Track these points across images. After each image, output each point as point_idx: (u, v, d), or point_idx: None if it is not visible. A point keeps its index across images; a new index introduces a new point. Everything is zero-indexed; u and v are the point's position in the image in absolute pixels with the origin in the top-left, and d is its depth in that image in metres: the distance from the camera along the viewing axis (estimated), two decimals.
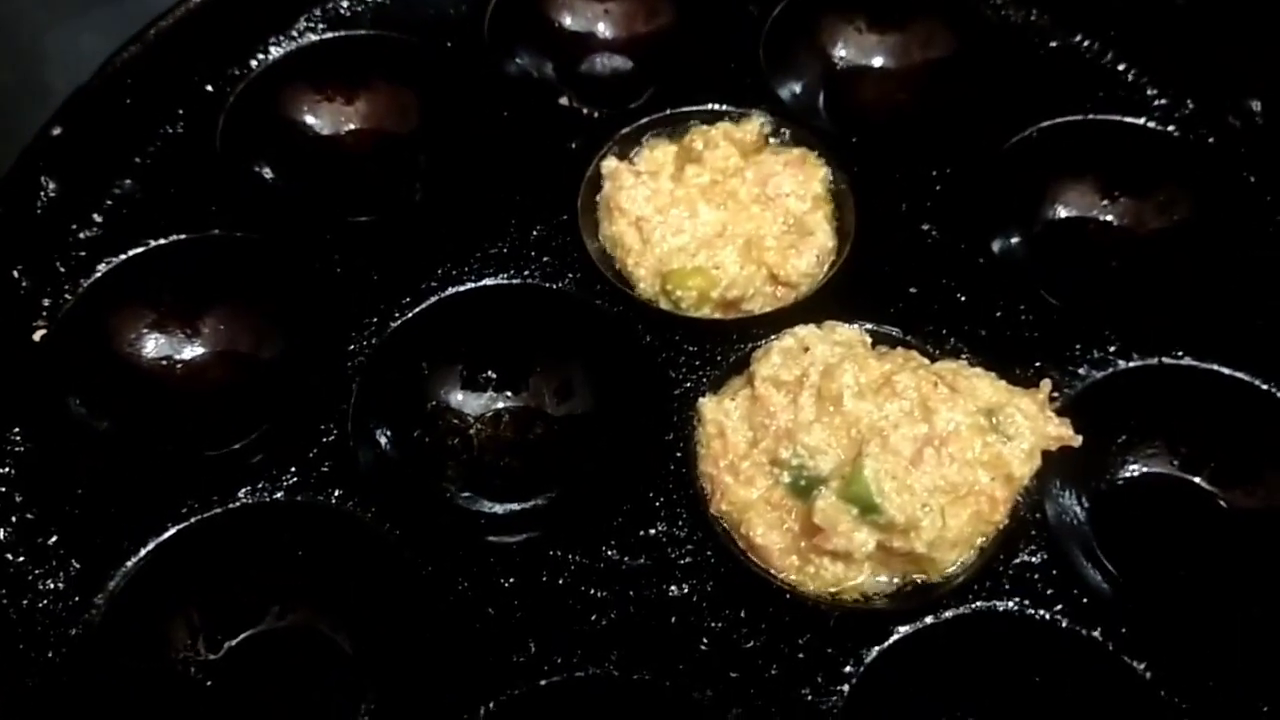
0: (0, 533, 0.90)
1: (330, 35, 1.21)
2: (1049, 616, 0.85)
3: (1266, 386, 0.95)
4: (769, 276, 1.02)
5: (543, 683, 0.83)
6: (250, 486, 0.91)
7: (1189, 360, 0.97)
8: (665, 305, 1.02)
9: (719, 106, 1.13)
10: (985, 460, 0.85)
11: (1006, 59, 1.19)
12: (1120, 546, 0.90)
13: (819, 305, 0.99)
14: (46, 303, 1.01)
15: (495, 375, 1.00)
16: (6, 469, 0.93)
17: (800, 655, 0.84)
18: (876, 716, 0.82)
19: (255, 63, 1.18)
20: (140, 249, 1.04)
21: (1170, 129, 1.13)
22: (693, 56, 1.21)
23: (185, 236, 1.05)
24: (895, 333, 0.98)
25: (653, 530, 0.90)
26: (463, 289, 1.02)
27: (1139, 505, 0.93)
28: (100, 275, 1.02)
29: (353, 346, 0.99)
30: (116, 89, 1.11)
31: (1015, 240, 1.08)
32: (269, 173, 1.12)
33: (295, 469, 0.92)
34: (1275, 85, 1.12)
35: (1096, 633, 0.84)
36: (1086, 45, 1.20)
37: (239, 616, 0.88)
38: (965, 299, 1.02)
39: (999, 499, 0.86)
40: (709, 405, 0.92)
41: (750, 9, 1.22)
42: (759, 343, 0.96)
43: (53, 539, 0.89)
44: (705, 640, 0.85)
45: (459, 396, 0.99)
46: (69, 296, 1.01)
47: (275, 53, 1.19)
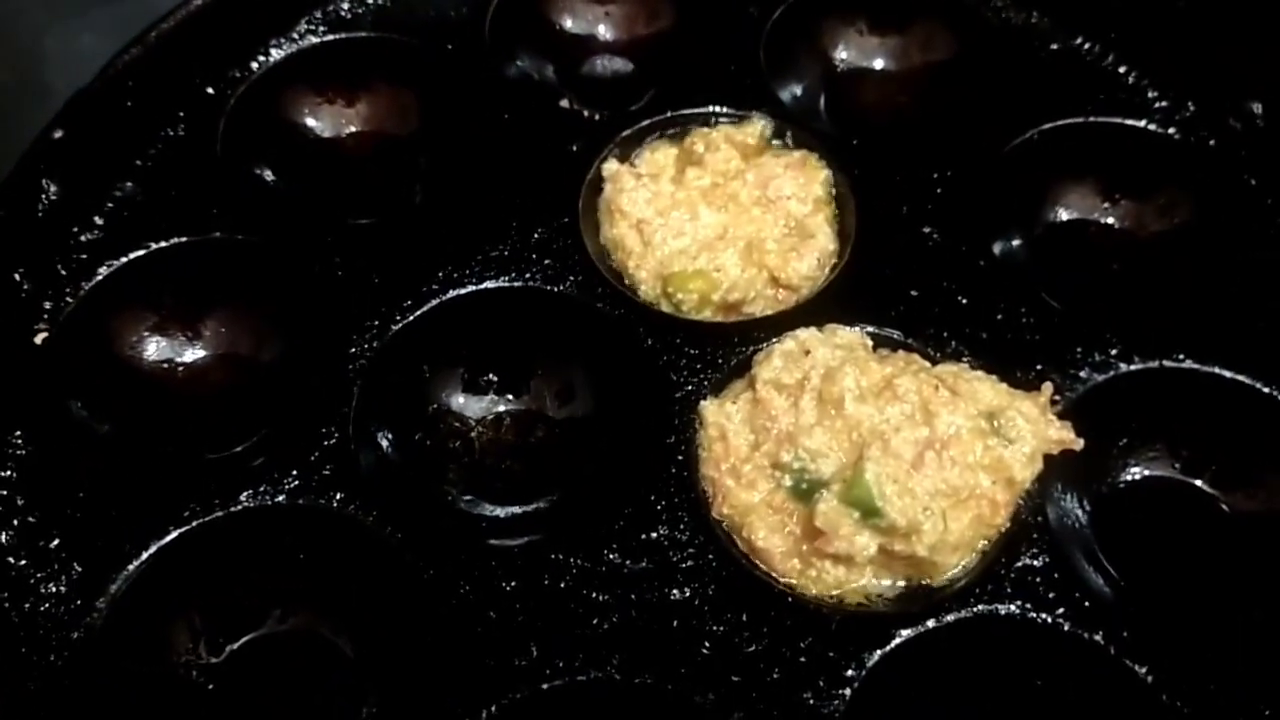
0: (2, 536, 0.89)
1: (331, 37, 1.21)
2: (1051, 620, 0.85)
3: (1268, 389, 0.95)
4: (770, 279, 1.02)
5: (544, 686, 0.83)
6: (252, 490, 0.91)
7: (1190, 363, 0.97)
8: (666, 308, 1.02)
9: (720, 109, 1.13)
10: (987, 464, 0.85)
11: (1007, 61, 1.19)
12: (1122, 550, 0.90)
13: (820, 308, 0.99)
14: (48, 305, 1.01)
15: (496, 378, 1.00)
16: (8, 472, 0.93)
17: (802, 659, 0.84)
18: None
19: (256, 65, 1.18)
20: (141, 252, 1.04)
21: (1171, 131, 1.13)
22: (693, 59, 1.21)
23: (186, 239, 1.05)
24: (896, 335, 0.98)
25: (654, 534, 0.90)
26: (464, 292, 1.02)
27: (1140, 508, 0.93)
28: (101, 278, 1.02)
29: (354, 349, 0.99)
30: (117, 91, 1.11)
31: (1016, 243, 1.08)
32: (270, 175, 1.12)
33: (296, 472, 0.92)
34: (1276, 87, 1.12)
35: (1098, 636, 0.84)
36: (1087, 47, 1.20)
37: (240, 620, 0.88)
38: (966, 302, 1.02)
39: (1000, 502, 0.86)
40: (710, 408, 0.92)
41: (751, 11, 1.22)
42: (760, 346, 0.96)
43: (54, 542, 0.89)
44: (707, 644, 0.85)
45: (460, 399, 0.99)
46: (70, 299, 1.01)
47: (276, 55, 1.19)
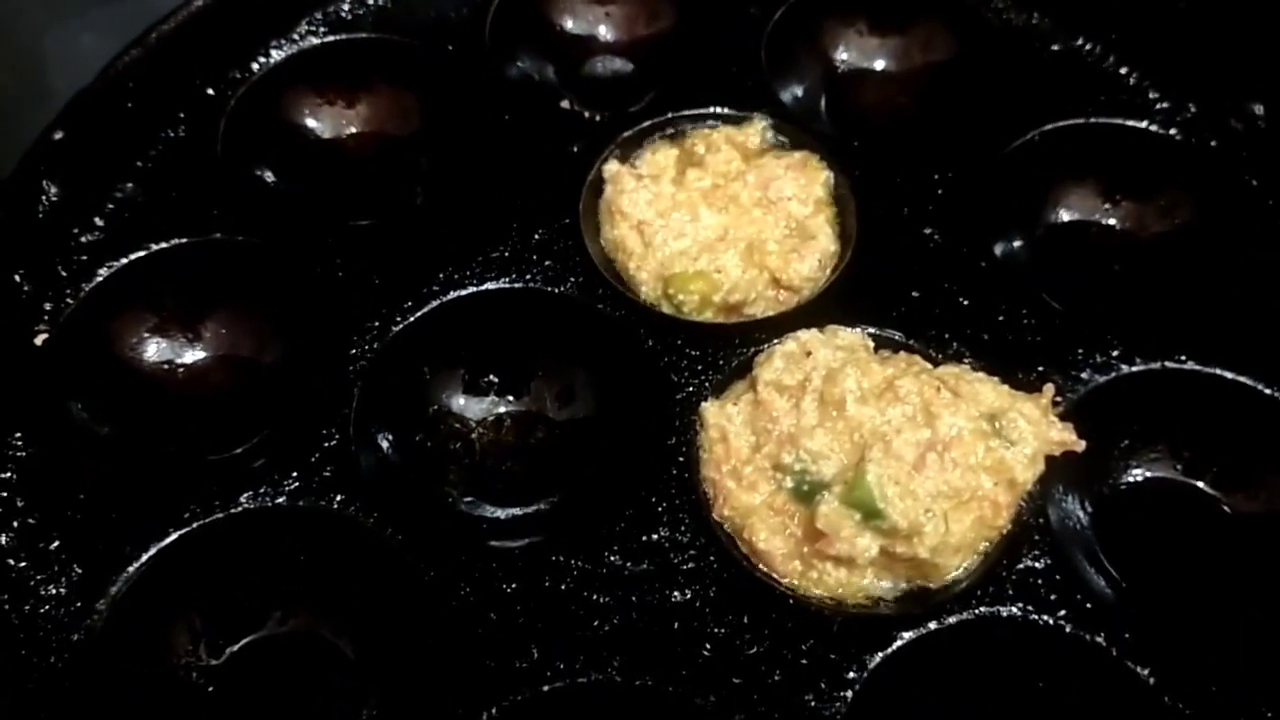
0: (2, 538, 0.89)
1: (331, 38, 1.21)
2: (1052, 622, 0.85)
3: (1270, 391, 0.95)
4: (771, 280, 1.02)
5: (545, 688, 0.83)
6: (252, 491, 0.91)
7: (1192, 364, 0.97)
8: (667, 309, 1.02)
9: (720, 110, 1.13)
10: (988, 465, 0.85)
11: (1008, 62, 1.19)
12: (1123, 551, 0.90)
13: (821, 309, 0.99)
14: (48, 307, 1.01)
15: (497, 379, 1.00)
16: (8, 474, 0.93)
17: (803, 661, 0.84)
18: None
19: (257, 66, 1.18)
20: (142, 253, 1.04)
21: (1172, 132, 1.13)
22: (694, 60, 1.21)
23: (187, 240, 1.05)
24: (898, 337, 0.98)
25: (655, 535, 0.90)
26: (464, 293, 1.02)
27: (1142, 510, 0.93)
28: (102, 279, 1.02)
29: (354, 351, 0.99)
30: (118, 92, 1.11)
31: (1017, 244, 1.08)
32: (270, 176, 1.12)
33: (297, 474, 0.92)
34: (1277, 88, 1.11)
35: (1100, 638, 0.84)
36: (1088, 49, 1.20)
37: (241, 622, 0.88)
38: (968, 303, 1.02)
39: (1002, 504, 0.86)
40: (711, 410, 0.92)
41: (751, 12, 1.22)
42: (761, 347, 0.96)
43: (54, 544, 0.89)
44: (708, 646, 0.85)
45: (461, 401, 0.99)
46: (70, 301, 1.01)
47: (276, 56, 1.19)
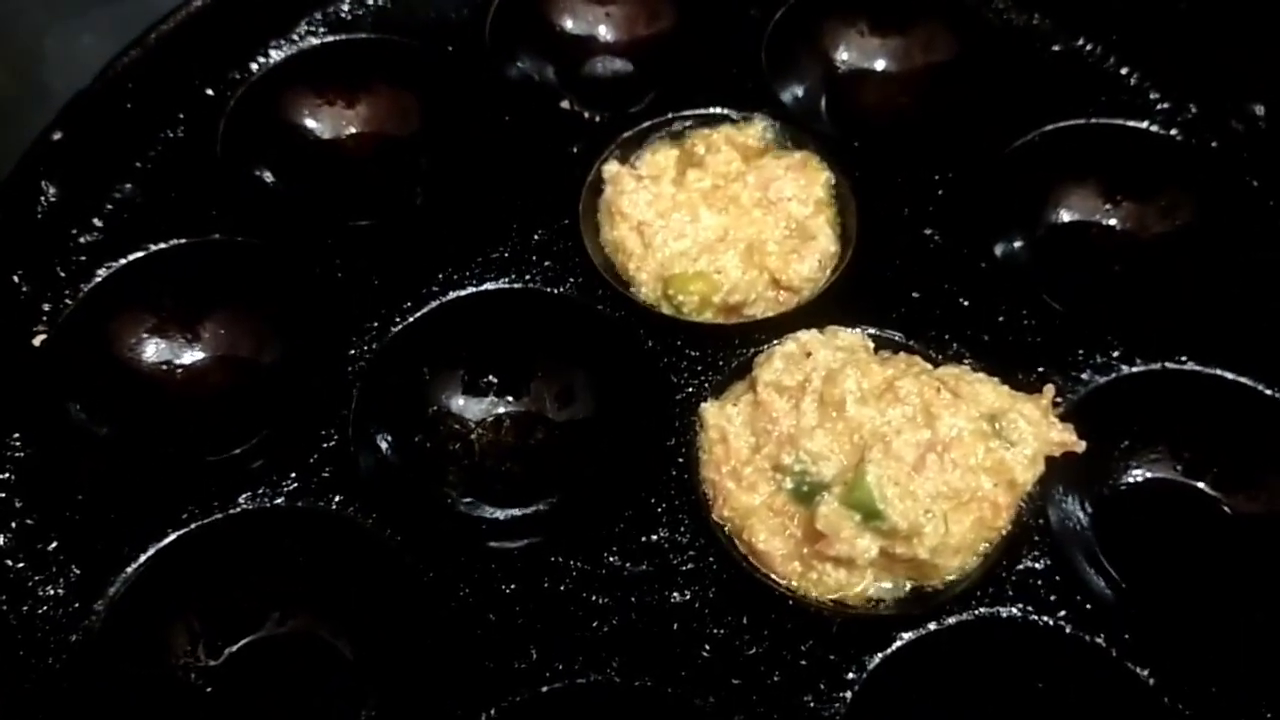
0: (0, 538, 0.89)
1: (331, 39, 1.21)
2: (1052, 623, 0.85)
3: (1270, 391, 0.95)
4: (771, 281, 1.02)
5: (544, 689, 0.82)
6: (251, 492, 0.91)
7: (1192, 365, 0.97)
8: (667, 310, 1.02)
9: (721, 110, 1.13)
10: (988, 466, 0.85)
11: (1009, 63, 1.19)
12: (1123, 552, 0.90)
13: (821, 310, 0.99)
14: (46, 307, 1.01)
15: (496, 380, 1.00)
16: (6, 474, 0.92)
17: (802, 662, 0.84)
18: None
19: (256, 66, 1.18)
20: (140, 253, 1.04)
21: (1173, 133, 1.13)
22: (694, 60, 1.21)
23: (186, 241, 1.05)
24: (898, 337, 0.98)
25: (654, 536, 0.89)
26: (464, 293, 1.02)
27: (1142, 511, 0.93)
28: (100, 280, 1.02)
29: (354, 351, 0.99)
30: (117, 93, 1.11)
31: (1018, 244, 1.08)
32: (270, 177, 1.12)
33: (296, 474, 0.92)
34: (1277, 88, 1.11)
35: (1100, 639, 0.84)
36: (1089, 49, 1.20)
37: (239, 622, 0.88)
38: (968, 304, 1.02)
39: (1002, 505, 0.86)
40: (711, 410, 0.92)
41: (752, 12, 1.22)
42: (761, 348, 0.96)
43: (53, 545, 0.89)
44: (707, 647, 0.84)
45: (460, 401, 0.99)
46: (69, 301, 1.01)
47: (276, 56, 1.19)
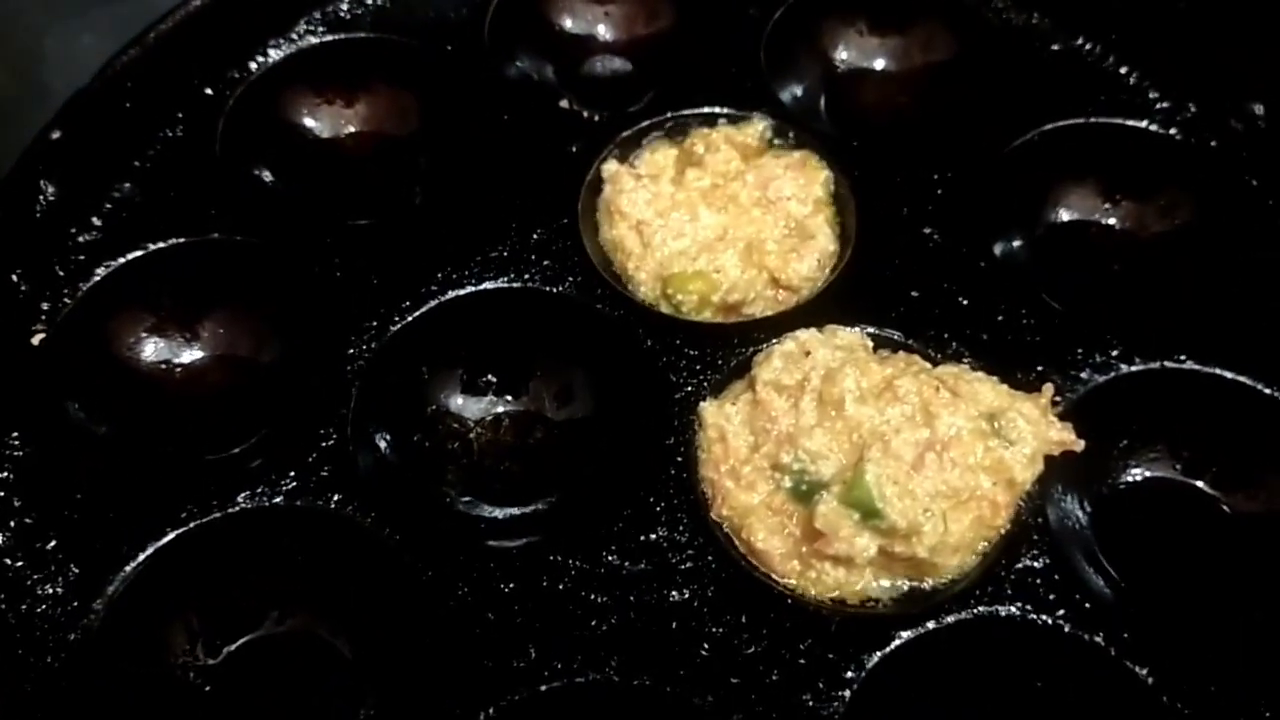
0: None
1: (330, 38, 1.21)
2: (1051, 621, 0.85)
3: (1269, 390, 0.95)
4: (770, 280, 1.02)
5: (543, 688, 0.82)
6: (249, 491, 0.91)
7: (1191, 364, 0.97)
8: (666, 309, 1.02)
9: (720, 109, 1.13)
10: (987, 465, 0.85)
11: (1008, 62, 1.19)
12: (1122, 551, 0.90)
13: (820, 309, 0.99)
14: (45, 306, 1.01)
15: (495, 379, 1.00)
16: (5, 473, 0.92)
17: (801, 660, 0.84)
18: None
19: (255, 66, 1.18)
20: (139, 252, 1.04)
21: (1172, 132, 1.13)
22: (693, 59, 1.21)
23: (184, 240, 1.05)
24: (897, 336, 0.98)
25: (653, 535, 0.89)
26: (463, 293, 1.02)
27: (1141, 510, 0.93)
28: (99, 279, 1.02)
29: (352, 350, 0.99)
30: (116, 92, 1.10)
31: (1017, 244, 1.08)
32: (268, 176, 1.12)
33: (294, 473, 0.92)
34: (1277, 88, 1.11)
35: (1099, 638, 0.84)
36: (1088, 48, 1.20)
37: (238, 621, 0.88)
38: (967, 303, 1.02)
39: (1001, 504, 0.86)
40: (710, 410, 0.92)
41: (751, 11, 1.22)
42: (760, 347, 0.96)
43: (51, 543, 0.89)
44: (706, 645, 0.84)
45: (459, 401, 0.99)
46: (68, 300, 1.01)
47: (275, 56, 1.19)
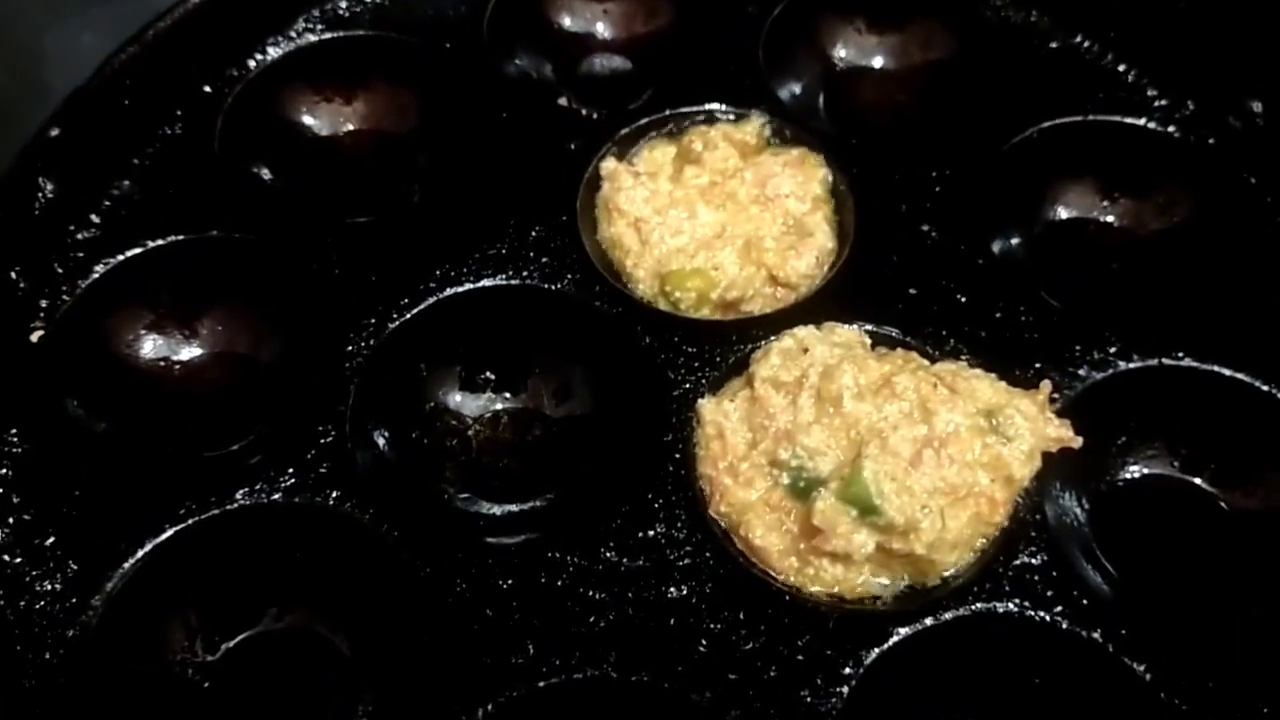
0: None
1: (329, 36, 1.21)
2: (1049, 618, 0.85)
3: (1267, 387, 0.95)
4: (768, 277, 1.02)
5: (541, 684, 0.82)
6: (248, 488, 0.91)
7: (1189, 361, 0.97)
8: (664, 306, 1.02)
9: (718, 107, 1.13)
10: (985, 462, 0.85)
11: (1006, 60, 1.19)
12: (1120, 548, 0.90)
13: (818, 306, 0.99)
14: (44, 304, 1.01)
15: (494, 376, 1.00)
16: (4, 470, 0.92)
17: (799, 657, 0.84)
18: (876, 718, 0.82)
19: (254, 63, 1.18)
20: (138, 250, 1.04)
21: (1171, 130, 1.13)
22: (692, 57, 1.21)
23: (183, 237, 1.05)
24: (895, 334, 0.98)
25: (651, 532, 0.89)
26: (461, 290, 1.02)
27: (1139, 507, 0.93)
28: (98, 276, 1.02)
29: (351, 347, 0.99)
30: (115, 90, 1.10)
31: (1015, 241, 1.08)
32: (267, 174, 1.12)
33: (293, 470, 0.92)
34: (1276, 86, 1.11)
35: (1096, 634, 0.84)
36: (1087, 46, 1.20)
37: (236, 618, 0.88)
38: (965, 300, 1.02)
39: (999, 500, 0.86)
40: (708, 406, 0.92)
41: (749, 9, 1.22)
42: (758, 344, 0.96)
43: (50, 540, 0.89)
44: (704, 642, 0.84)
45: (457, 398, 0.99)
46: (67, 297, 1.01)
47: (274, 53, 1.19)
